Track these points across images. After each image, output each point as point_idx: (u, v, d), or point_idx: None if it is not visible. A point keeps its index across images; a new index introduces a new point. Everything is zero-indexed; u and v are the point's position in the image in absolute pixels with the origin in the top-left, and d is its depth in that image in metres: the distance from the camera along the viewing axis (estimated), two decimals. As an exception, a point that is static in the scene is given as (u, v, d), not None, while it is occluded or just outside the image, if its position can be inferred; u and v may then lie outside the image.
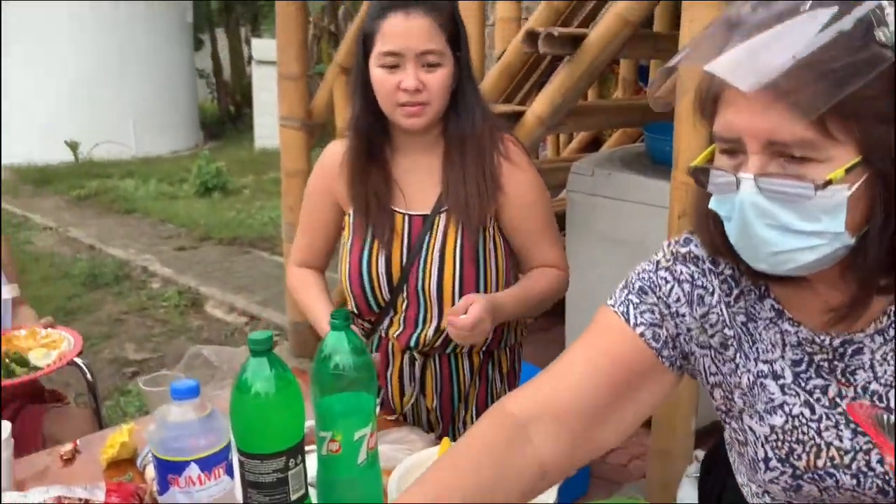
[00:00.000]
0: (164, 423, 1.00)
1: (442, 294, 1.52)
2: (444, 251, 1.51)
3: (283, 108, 3.33)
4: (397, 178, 1.55)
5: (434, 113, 1.47)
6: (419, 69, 1.42)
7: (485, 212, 1.51)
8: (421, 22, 1.41)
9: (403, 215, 1.55)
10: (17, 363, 1.71)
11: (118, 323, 4.47)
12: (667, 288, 0.95)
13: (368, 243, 1.54)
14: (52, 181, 8.84)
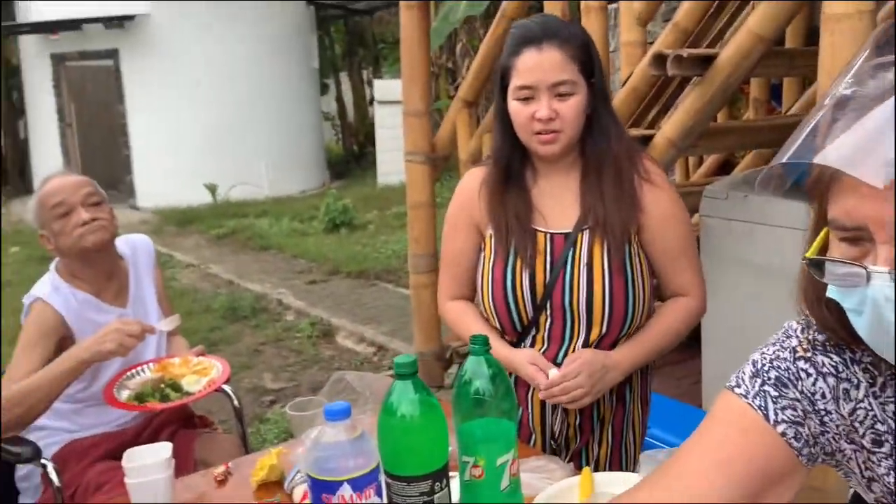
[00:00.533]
0: (317, 443, 1.04)
1: (592, 308, 1.53)
2: (591, 265, 1.53)
3: (407, 144, 3.42)
4: (537, 199, 1.59)
5: (568, 139, 1.52)
6: (552, 99, 1.48)
7: (627, 228, 1.53)
8: (553, 55, 1.46)
9: (545, 234, 1.57)
10: (172, 388, 1.82)
11: (256, 353, 4.69)
12: (809, 381, 0.85)
13: (511, 262, 1.57)
14: (194, 221, 9.45)
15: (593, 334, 1.53)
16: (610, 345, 1.56)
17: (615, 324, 1.54)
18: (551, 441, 1.66)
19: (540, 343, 1.59)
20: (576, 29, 1.53)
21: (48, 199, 1.94)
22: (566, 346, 1.57)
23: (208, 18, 10.56)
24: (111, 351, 1.76)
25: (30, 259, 7.65)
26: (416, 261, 3.44)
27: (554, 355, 1.58)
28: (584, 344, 1.55)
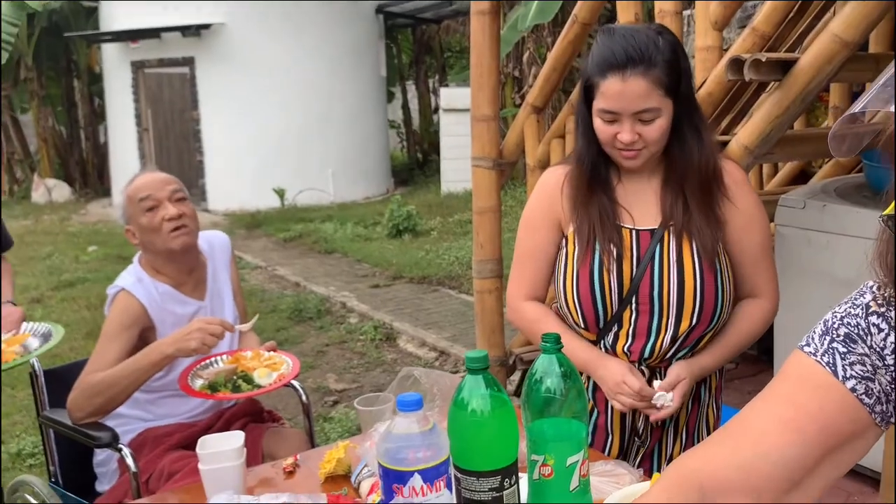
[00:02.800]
0: (389, 434, 1.05)
1: (683, 301, 1.54)
2: (681, 260, 1.54)
3: (475, 149, 3.42)
4: (623, 198, 1.61)
5: (650, 154, 1.54)
6: (635, 123, 1.49)
7: (715, 230, 1.55)
8: (637, 84, 1.45)
9: (630, 230, 1.59)
10: (244, 380, 1.87)
11: (320, 354, 4.76)
12: (879, 336, 0.83)
13: (598, 257, 1.57)
14: (262, 225, 9.68)
15: (682, 327, 1.54)
16: (697, 339, 1.57)
17: (705, 317, 1.54)
18: (634, 437, 1.65)
19: (624, 338, 1.58)
20: (663, 44, 1.48)
21: (136, 193, 2.02)
22: (653, 339, 1.57)
23: (280, 28, 10.83)
24: (194, 349, 1.82)
25: (107, 257, 7.96)
26: (480, 266, 3.43)
27: (640, 348, 1.58)
28: (673, 338, 1.56)
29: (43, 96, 13.28)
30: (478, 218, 3.43)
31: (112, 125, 12.24)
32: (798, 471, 0.84)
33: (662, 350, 1.58)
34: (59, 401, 2.07)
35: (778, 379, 0.89)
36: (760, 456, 0.83)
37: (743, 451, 0.85)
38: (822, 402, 0.83)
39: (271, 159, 10.92)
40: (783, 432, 0.83)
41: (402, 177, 13.42)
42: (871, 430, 0.85)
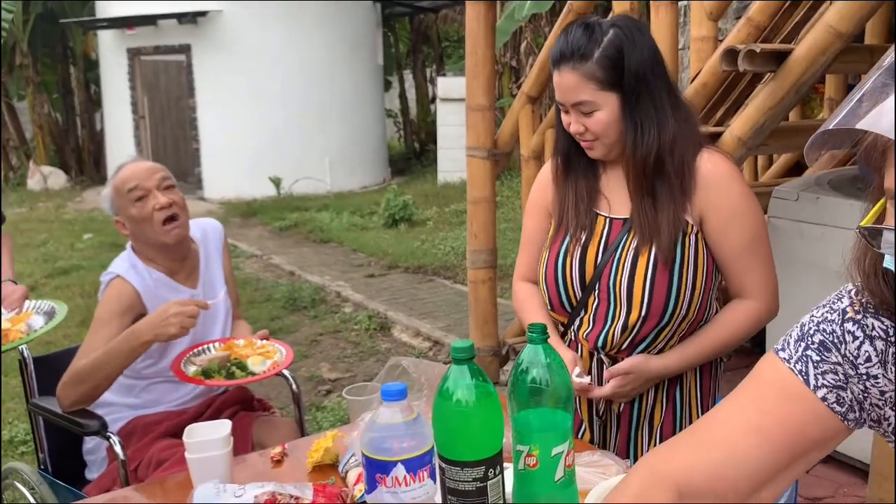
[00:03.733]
0: (373, 423, 1.05)
1: (632, 291, 1.53)
2: (638, 251, 1.53)
3: (469, 139, 3.41)
4: (605, 185, 1.62)
5: (605, 146, 1.55)
6: (579, 115, 1.53)
7: (676, 225, 1.52)
8: (568, 78, 1.50)
9: (605, 218, 1.60)
10: (238, 367, 1.87)
11: (314, 344, 4.76)
12: (854, 345, 0.82)
13: (567, 243, 1.61)
14: (258, 213, 9.66)
15: (632, 317, 1.53)
16: (652, 330, 1.55)
17: (654, 311, 1.52)
18: (595, 416, 1.66)
19: (586, 324, 1.61)
20: (608, 39, 1.49)
21: (124, 184, 2.00)
22: (607, 328, 1.57)
23: (277, 16, 10.77)
24: (174, 334, 1.81)
25: (102, 245, 7.94)
26: (474, 256, 3.43)
27: (596, 336, 1.59)
28: (624, 326, 1.55)
29: (38, 83, 13.21)
30: (472, 208, 3.43)
31: (108, 112, 12.18)
32: (766, 475, 0.84)
33: (614, 339, 1.57)
34: (50, 388, 2.06)
35: (750, 380, 0.88)
36: (730, 463, 0.84)
37: (712, 457, 0.85)
38: (792, 411, 0.83)
39: (268, 148, 10.89)
40: (752, 439, 0.84)
41: (399, 166, 13.39)
42: (842, 434, 0.85)
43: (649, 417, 1.63)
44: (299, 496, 1.31)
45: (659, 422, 1.63)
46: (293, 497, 1.29)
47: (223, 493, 1.30)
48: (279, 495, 1.29)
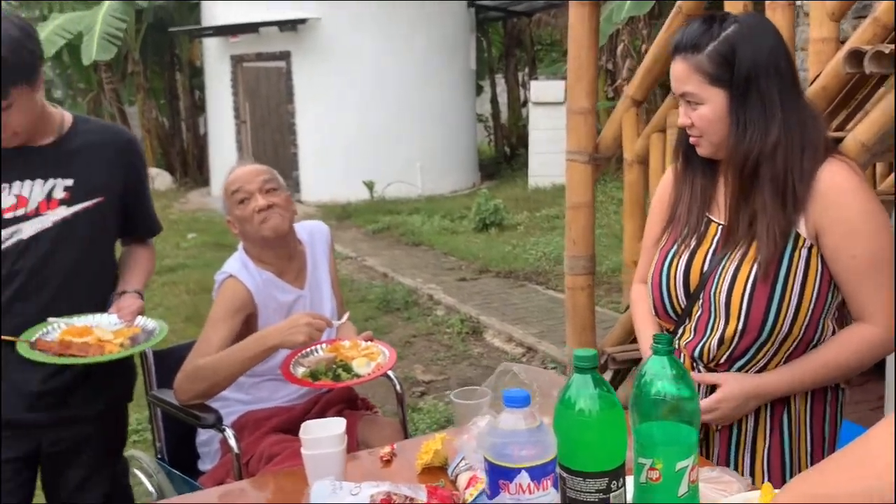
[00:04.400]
0: (495, 429, 1.04)
1: (730, 302, 1.47)
2: (742, 260, 1.47)
3: (570, 143, 3.36)
4: (721, 190, 1.57)
5: (711, 144, 1.52)
6: (687, 107, 1.51)
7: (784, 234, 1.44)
8: (678, 67, 1.50)
9: (718, 225, 1.55)
10: (343, 369, 1.90)
11: (408, 345, 4.81)
12: None
13: (676, 248, 1.58)
14: (352, 216, 9.86)
15: (729, 330, 1.47)
16: (750, 345, 1.47)
17: (752, 324, 1.45)
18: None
19: (688, 334, 1.56)
20: (723, 34, 1.45)
21: (230, 186, 2.09)
22: (706, 338, 1.51)
23: (373, 21, 10.98)
24: (302, 342, 1.88)
25: (205, 245, 8.28)
26: (572, 262, 3.38)
27: (694, 346, 1.54)
28: (721, 339, 1.48)
29: (148, 89, 13.91)
30: (571, 213, 3.38)
31: (211, 117, 12.71)
32: None
33: (711, 352, 1.51)
34: (165, 381, 2.16)
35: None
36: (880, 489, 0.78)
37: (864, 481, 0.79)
38: None
39: (361, 152, 11.10)
40: None
41: (489, 170, 13.40)
42: None
43: (751, 444, 1.54)
44: (413, 497, 1.32)
45: (763, 450, 1.53)
46: (408, 498, 1.30)
47: (339, 491, 1.32)
48: (394, 495, 1.30)
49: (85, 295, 1.88)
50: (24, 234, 1.77)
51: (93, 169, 1.84)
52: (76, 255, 1.83)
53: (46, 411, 1.84)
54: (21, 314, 1.79)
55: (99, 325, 1.82)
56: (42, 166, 1.79)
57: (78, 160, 1.83)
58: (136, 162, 1.99)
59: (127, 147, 1.96)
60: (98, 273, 1.92)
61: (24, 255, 1.78)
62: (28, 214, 1.77)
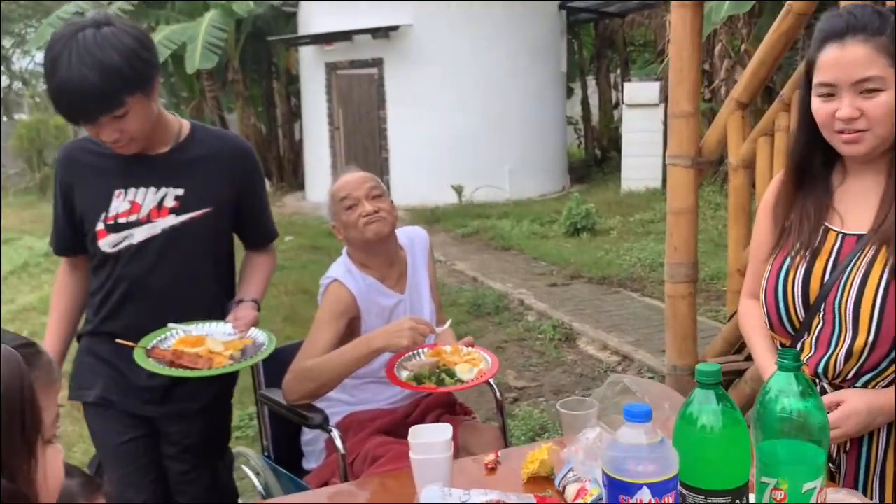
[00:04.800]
0: (615, 443, 1.02)
1: (859, 313, 1.39)
2: (870, 268, 1.39)
3: (672, 146, 3.29)
4: (840, 198, 1.50)
5: (876, 138, 1.40)
6: (856, 97, 1.38)
7: None
8: (857, 51, 1.37)
9: (837, 233, 1.48)
10: (447, 374, 1.91)
11: (499, 350, 4.79)
12: None
13: (791, 258, 1.50)
14: (441, 220, 9.94)
15: (858, 342, 1.38)
16: (882, 359, 1.38)
17: (885, 335, 1.36)
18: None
19: (808, 348, 1.47)
20: (893, 17, 1.37)
21: (337, 193, 2.13)
22: (830, 353, 1.43)
23: (464, 26, 11.04)
24: (406, 346, 1.90)
25: (302, 247, 8.51)
26: (673, 269, 3.29)
27: (817, 361, 1.46)
28: (849, 352, 1.40)
29: (247, 97, 14.43)
30: (672, 219, 3.30)
31: (307, 123, 13.07)
32: None
33: (837, 366, 1.42)
34: (270, 380, 2.23)
35: None
36: None
37: None
38: None
39: (450, 156, 11.17)
40: None
41: (579, 173, 13.24)
42: None
43: (880, 467, 1.45)
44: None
45: (893, 477, 1.44)
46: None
47: (449, 497, 1.33)
48: (503, 503, 1.30)
49: (190, 302, 1.92)
50: (134, 240, 1.84)
51: (205, 179, 1.89)
52: (182, 263, 1.88)
53: (154, 405, 1.93)
54: (127, 317, 1.88)
55: (213, 336, 1.86)
56: (156, 174, 1.85)
57: (191, 170, 1.88)
58: (250, 171, 2.03)
59: (241, 156, 2.00)
60: (203, 281, 1.96)
61: (134, 259, 1.85)
62: (140, 220, 1.84)
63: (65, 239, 1.95)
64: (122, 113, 1.70)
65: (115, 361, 1.90)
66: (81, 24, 1.71)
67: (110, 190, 1.84)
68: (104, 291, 1.90)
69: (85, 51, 1.65)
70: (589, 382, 4.19)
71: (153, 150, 1.85)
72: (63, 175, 1.89)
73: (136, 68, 1.69)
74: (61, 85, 1.66)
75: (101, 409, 1.94)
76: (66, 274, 2.01)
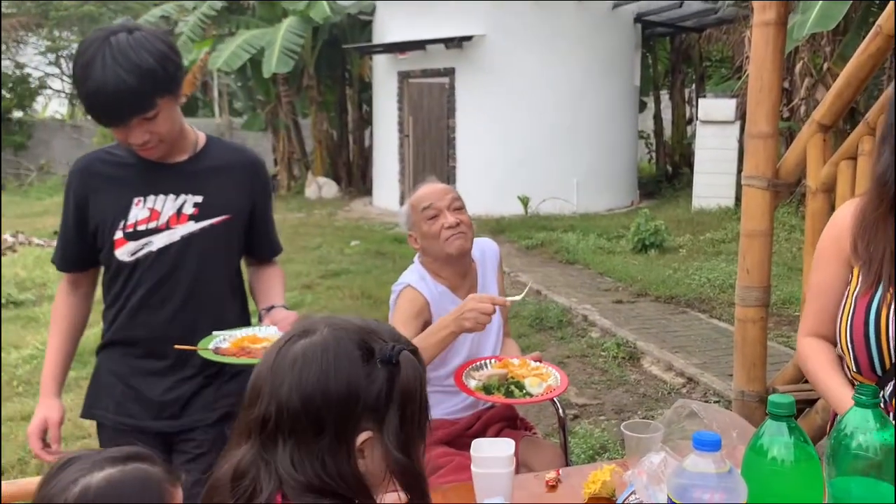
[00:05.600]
0: (682, 470, 1.02)
1: None
2: None
3: (748, 167, 3.21)
4: None
5: None
6: None
7: None
8: None
9: None
10: (516, 387, 1.91)
11: (561, 366, 4.73)
12: None
13: (879, 296, 1.43)
14: (506, 231, 9.92)
15: None
16: None
17: None
18: None
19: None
20: None
21: (419, 203, 2.15)
22: None
23: (537, 37, 11.03)
24: (470, 328, 1.87)
25: (367, 252, 8.63)
26: (744, 293, 3.22)
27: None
28: None
29: (320, 102, 14.74)
30: (746, 241, 3.22)
31: (377, 130, 13.26)
32: None
33: None
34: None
35: None
36: None
37: None
38: None
39: (518, 167, 11.16)
40: None
41: (649, 189, 13.04)
42: None
43: None
44: (583, 528, 1.31)
45: None
46: (578, 528, 1.30)
47: (509, 513, 1.34)
48: (564, 523, 1.30)
49: (207, 308, 1.92)
50: (154, 247, 1.85)
51: (222, 187, 1.90)
52: (201, 269, 1.88)
53: (169, 420, 1.91)
54: (145, 324, 1.87)
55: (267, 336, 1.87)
56: (175, 182, 1.86)
57: (209, 178, 1.89)
58: (262, 183, 2.03)
59: (255, 169, 2.00)
60: (220, 288, 1.96)
61: (154, 266, 1.85)
62: (160, 227, 1.85)
63: (73, 253, 1.93)
64: (152, 115, 1.73)
65: (129, 376, 1.90)
66: (112, 30, 1.74)
67: (130, 198, 1.84)
68: (120, 302, 1.89)
69: (120, 53, 1.67)
70: (652, 403, 4.12)
71: (173, 158, 1.87)
72: (77, 187, 1.88)
73: (167, 70, 1.73)
74: (96, 87, 1.67)
75: (112, 431, 1.93)
76: (67, 294, 1.98)
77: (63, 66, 22.90)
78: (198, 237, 1.87)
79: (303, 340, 1.03)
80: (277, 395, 1.00)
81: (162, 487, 0.95)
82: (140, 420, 1.90)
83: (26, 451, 3.55)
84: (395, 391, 1.00)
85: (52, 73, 22.54)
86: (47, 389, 1.92)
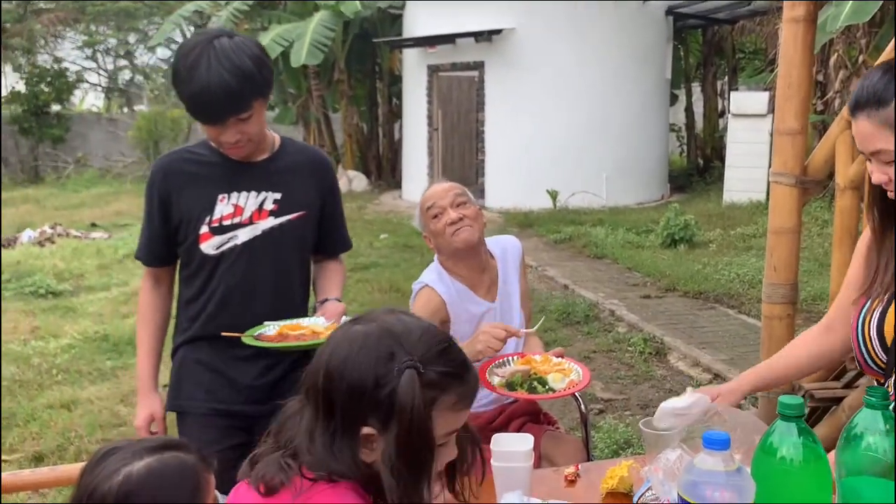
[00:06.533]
0: (692, 467, 1.05)
1: None
2: None
3: (776, 164, 3.20)
4: None
5: None
6: (880, 164, 1.41)
7: None
8: (862, 126, 1.43)
9: None
10: (539, 382, 1.95)
11: (587, 360, 4.78)
12: None
13: (870, 301, 1.51)
14: (534, 224, 9.92)
15: None
16: None
17: None
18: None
19: (893, 390, 1.44)
20: None
21: (424, 203, 2.22)
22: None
23: (567, 31, 10.99)
24: (480, 351, 1.95)
25: (396, 245, 8.70)
26: (771, 290, 3.21)
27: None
28: None
29: (351, 96, 14.83)
30: (773, 238, 3.22)
31: (406, 124, 13.32)
32: None
33: None
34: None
35: None
36: None
37: None
38: None
39: (547, 161, 11.14)
40: None
41: (679, 183, 12.93)
42: None
43: None
44: (600, 522, 1.34)
45: None
46: (595, 522, 1.33)
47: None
48: (581, 518, 1.34)
49: (286, 298, 2.03)
50: (238, 240, 1.96)
51: (297, 185, 2.02)
52: (278, 262, 2.00)
53: (258, 404, 2.00)
54: (231, 314, 1.97)
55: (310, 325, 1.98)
56: (256, 180, 1.98)
57: (286, 176, 2.01)
58: (331, 182, 2.14)
59: (324, 168, 2.12)
60: (293, 281, 2.07)
61: (239, 259, 1.96)
62: (243, 223, 1.96)
63: (157, 248, 2.03)
64: (247, 115, 1.84)
65: (218, 364, 2.00)
66: (213, 34, 1.85)
67: (214, 194, 1.95)
68: (205, 295, 1.98)
69: (223, 56, 1.78)
70: (677, 399, 4.12)
71: (254, 157, 1.98)
72: (161, 185, 1.98)
73: (263, 74, 1.85)
74: (201, 87, 1.78)
75: (199, 418, 2.01)
76: (151, 291, 2.08)
77: (99, 60, 23.35)
78: (278, 232, 1.98)
79: (356, 326, 1.13)
80: (316, 364, 1.11)
81: (198, 474, 1.01)
82: (231, 405, 2.00)
83: (65, 438, 3.67)
84: (396, 404, 1.04)
85: (90, 67, 22.97)
86: (147, 386, 2.04)
